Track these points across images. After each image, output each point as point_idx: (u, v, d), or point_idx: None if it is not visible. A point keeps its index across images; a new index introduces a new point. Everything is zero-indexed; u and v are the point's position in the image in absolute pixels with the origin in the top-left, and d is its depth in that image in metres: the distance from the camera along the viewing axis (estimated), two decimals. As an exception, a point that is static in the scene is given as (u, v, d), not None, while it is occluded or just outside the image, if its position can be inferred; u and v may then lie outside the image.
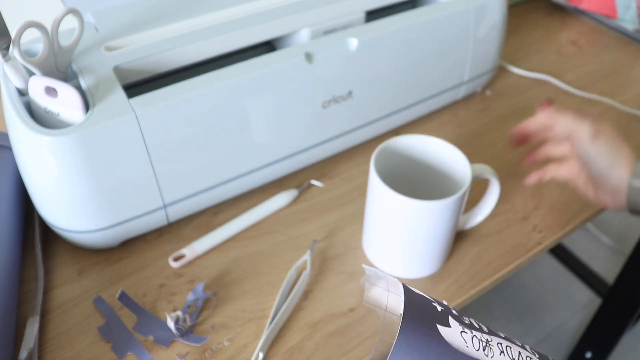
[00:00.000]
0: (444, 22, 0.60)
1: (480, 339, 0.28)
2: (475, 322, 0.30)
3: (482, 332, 0.29)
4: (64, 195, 0.46)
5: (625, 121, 0.69)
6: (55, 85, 0.44)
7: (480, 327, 0.29)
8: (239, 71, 0.49)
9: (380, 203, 0.48)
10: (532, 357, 0.30)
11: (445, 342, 0.27)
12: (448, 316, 0.28)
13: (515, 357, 0.29)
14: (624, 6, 0.85)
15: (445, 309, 0.29)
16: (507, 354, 0.28)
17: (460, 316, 0.29)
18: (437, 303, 0.29)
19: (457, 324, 0.28)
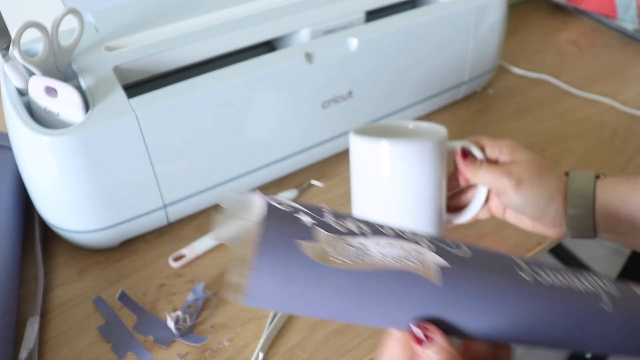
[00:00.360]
0: (444, 22, 0.60)
1: (355, 246, 0.25)
2: (358, 224, 0.26)
3: (361, 236, 0.26)
4: (64, 195, 0.46)
5: (626, 121, 0.69)
6: (55, 85, 0.44)
7: (360, 230, 0.26)
8: (239, 71, 0.49)
9: (361, 162, 0.47)
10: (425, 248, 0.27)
11: (308, 259, 0.24)
12: (314, 228, 0.25)
13: (401, 256, 0.26)
14: (624, 6, 0.85)
15: (313, 219, 0.25)
16: (389, 255, 0.26)
17: (335, 221, 0.26)
18: (304, 212, 0.26)
19: (326, 233, 0.25)
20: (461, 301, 0.26)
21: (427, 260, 0.26)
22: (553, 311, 0.28)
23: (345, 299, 0.25)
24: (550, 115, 0.70)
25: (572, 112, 0.70)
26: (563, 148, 0.65)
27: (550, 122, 0.69)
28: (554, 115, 0.70)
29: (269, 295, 0.25)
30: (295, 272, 0.24)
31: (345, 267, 0.25)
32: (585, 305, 0.28)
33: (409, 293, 0.26)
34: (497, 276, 0.27)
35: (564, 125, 0.68)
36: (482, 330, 0.27)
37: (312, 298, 0.25)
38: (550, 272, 0.29)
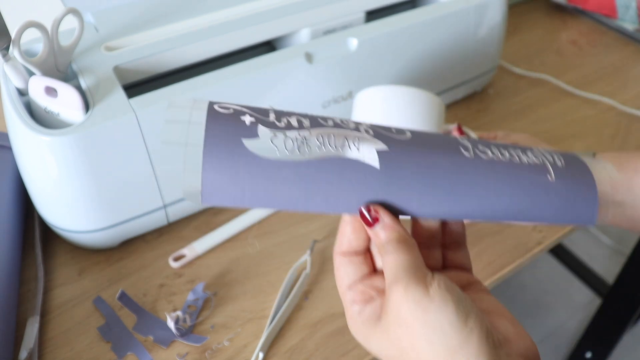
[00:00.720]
0: (444, 22, 0.60)
1: (296, 138, 0.26)
2: (300, 119, 0.28)
3: (301, 129, 0.27)
4: (64, 195, 0.46)
5: (626, 121, 0.69)
6: (55, 85, 0.44)
7: (301, 124, 0.27)
8: (239, 71, 0.49)
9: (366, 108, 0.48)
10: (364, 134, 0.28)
11: (253, 154, 0.26)
12: (257, 126, 0.26)
13: (340, 144, 0.27)
14: (624, 6, 0.85)
15: (256, 119, 0.27)
16: (329, 144, 0.27)
17: (278, 118, 0.27)
18: (248, 114, 0.27)
19: (268, 130, 0.26)
20: (401, 182, 0.27)
21: (365, 146, 0.27)
22: (495, 184, 0.28)
23: (291, 189, 0.27)
24: (550, 115, 0.70)
25: (572, 112, 0.70)
26: (563, 148, 0.65)
27: (550, 122, 0.69)
28: (554, 115, 0.70)
29: (220, 192, 0.26)
30: (240, 167, 0.26)
31: (287, 159, 0.26)
32: (528, 176, 0.29)
33: (350, 178, 0.27)
34: (437, 155, 0.28)
35: (564, 125, 0.68)
36: (426, 210, 0.28)
37: (261, 191, 0.26)
38: (495, 149, 0.29)
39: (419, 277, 0.26)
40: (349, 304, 0.29)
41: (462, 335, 0.24)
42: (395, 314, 0.26)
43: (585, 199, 0.30)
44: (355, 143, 0.27)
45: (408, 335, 0.25)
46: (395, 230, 0.27)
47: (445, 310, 0.25)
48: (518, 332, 0.27)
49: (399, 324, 0.26)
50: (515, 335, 0.26)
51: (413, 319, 0.25)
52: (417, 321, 0.25)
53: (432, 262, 0.31)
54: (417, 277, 0.26)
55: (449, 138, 0.30)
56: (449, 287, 0.25)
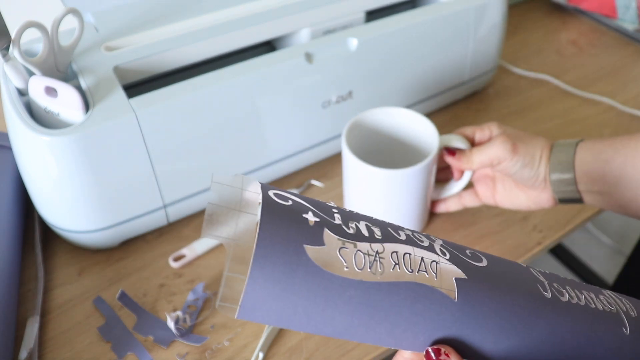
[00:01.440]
0: (444, 22, 0.60)
1: (368, 253, 0.22)
2: (370, 227, 0.23)
3: (374, 242, 0.22)
4: (64, 195, 0.46)
5: (626, 121, 0.69)
6: (55, 85, 0.44)
7: (373, 235, 0.23)
8: (239, 71, 0.49)
9: (353, 176, 0.49)
10: (441, 257, 0.24)
11: (315, 267, 0.21)
12: (323, 230, 0.22)
13: (415, 266, 0.22)
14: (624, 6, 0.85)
15: (322, 220, 0.22)
16: (404, 264, 0.22)
17: (346, 222, 0.23)
18: (312, 211, 0.22)
19: (336, 237, 0.22)
20: (478, 318, 0.23)
21: (443, 271, 0.23)
22: (572, 332, 0.25)
23: (353, 315, 0.22)
24: (550, 115, 0.70)
25: (572, 112, 0.71)
26: (563, 148, 0.65)
27: (550, 122, 0.69)
28: (554, 115, 0.70)
29: (265, 307, 0.21)
30: (298, 281, 0.21)
31: (356, 278, 0.21)
32: (605, 326, 0.26)
33: (424, 309, 0.23)
34: (516, 291, 0.24)
35: (564, 125, 0.68)
36: (500, 352, 0.24)
37: (316, 313, 0.22)
38: (571, 289, 0.27)
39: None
40: None
41: None
42: None
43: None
44: (434, 267, 0.23)
45: None
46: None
47: None
48: None
49: None
50: None
51: None
52: None
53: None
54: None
55: (525, 271, 0.26)
56: None
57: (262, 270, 0.20)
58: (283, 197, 0.22)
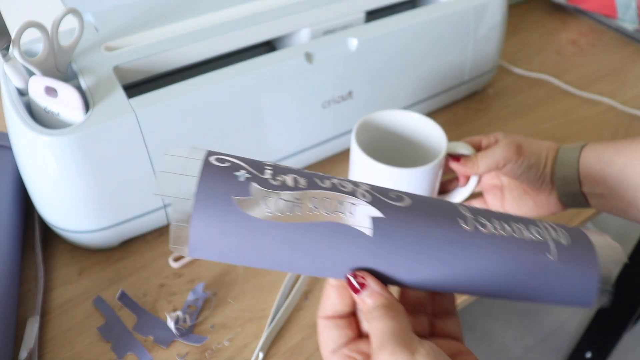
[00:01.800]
0: (444, 22, 0.60)
1: (290, 200, 0.26)
2: (297, 178, 0.27)
3: (296, 190, 0.26)
4: (64, 196, 0.46)
5: (626, 121, 0.69)
6: (55, 85, 0.44)
7: (297, 185, 0.27)
8: (239, 71, 0.49)
9: (360, 173, 0.49)
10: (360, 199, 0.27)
11: (243, 213, 0.25)
12: (250, 184, 0.26)
13: (333, 208, 0.26)
14: (624, 6, 0.85)
15: (252, 176, 0.26)
16: (322, 207, 0.26)
17: (274, 176, 0.27)
18: (244, 169, 0.27)
19: (262, 189, 0.26)
20: (392, 251, 0.26)
21: (360, 211, 0.26)
22: (491, 261, 0.27)
23: (279, 251, 0.26)
24: (551, 115, 0.70)
25: (572, 112, 0.70)
26: (563, 148, 0.65)
27: (551, 122, 0.69)
28: (554, 115, 0.70)
29: (207, 247, 0.26)
30: (230, 225, 0.25)
31: (278, 220, 0.26)
32: (526, 254, 0.28)
33: (340, 244, 0.26)
34: (433, 226, 0.27)
35: (564, 125, 0.68)
36: (415, 281, 0.27)
37: (248, 249, 0.26)
38: (497, 221, 0.29)
39: (406, 342, 0.25)
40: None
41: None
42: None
43: (585, 282, 0.29)
44: (350, 209, 0.26)
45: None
46: (382, 296, 0.27)
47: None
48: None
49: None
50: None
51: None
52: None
53: (419, 329, 0.31)
54: (404, 342, 0.25)
55: (449, 207, 0.28)
56: (436, 353, 0.25)
57: (200, 219, 0.25)
58: (222, 159, 0.27)
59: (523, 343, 1.27)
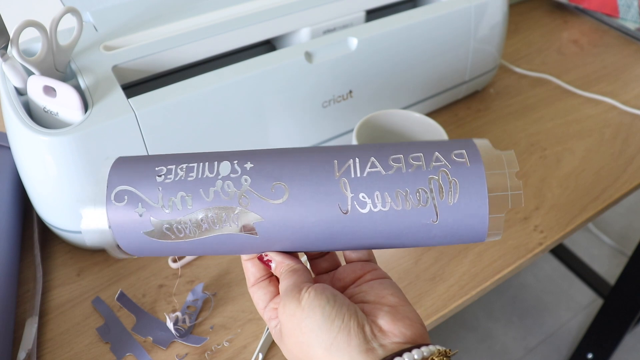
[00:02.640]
0: (445, 22, 0.60)
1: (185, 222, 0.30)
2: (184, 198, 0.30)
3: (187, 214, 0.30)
4: (63, 195, 0.46)
5: (627, 120, 0.69)
6: (54, 85, 0.43)
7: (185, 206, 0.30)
8: (238, 71, 0.49)
9: None
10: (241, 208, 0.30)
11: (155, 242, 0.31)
12: (149, 218, 0.30)
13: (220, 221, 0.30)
14: (625, 5, 0.85)
15: (147, 209, 0.30)
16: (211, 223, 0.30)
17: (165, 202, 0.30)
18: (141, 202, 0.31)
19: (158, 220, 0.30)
20: (278, 244, 0.31)
21: (243, 220, 0.30)
22: (371, 236, 0.30)
23: (194, 252, 0.32)
24: (551, 115, 0.70)
25: (573, 112, 0.70)
26: (564, 148, 0.65)
27: (551, 121, 0.69)
28: (555, 115, 0.70)
29: (138, 253, 0.32)
30: (149, 249, 0.31)
31: (182, 240, 0.31)
32: (408, 226, 0.30)
33: (237, 246, 0.31)
34: (309, 218, 0.30)
35: (565, 125, 0.68)
36: (306, 251, 0.32)
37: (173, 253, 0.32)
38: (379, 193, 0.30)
39: (295, 293, 0.30)
40: (268, 321, 0.33)
41: (330, 334, 0.28)
42: (284, 329, 0.30)
43: (474, 225, 0.30)
44: (233, 220, 0.30)
45: (296, 344, 0.29)
46: (284, 263, 0.32)
47: (313, 316, 0.29)
48: (396, 318, 0.29)
49: (288, 335, 0.30)
50: (390, 323, 0.29)
51: (293, 328, 0.29)
52: (296, 330, 0.29)
53: (326, 265, 0.36)
54: (293, 293, 0.30)
55: (330, 187, 0.30)
56: (317, 294, 0.29)
57: (128, 248, 0.32)
58: (121, 195, 0.31)
59: (524, 344, 1.27)
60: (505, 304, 1.34)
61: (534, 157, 0.63)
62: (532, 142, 0.65)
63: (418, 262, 0.52)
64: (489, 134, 0.67)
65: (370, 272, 0.33)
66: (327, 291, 0.30)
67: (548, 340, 1.28)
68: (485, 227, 0.30)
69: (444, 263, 0.52)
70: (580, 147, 0.65)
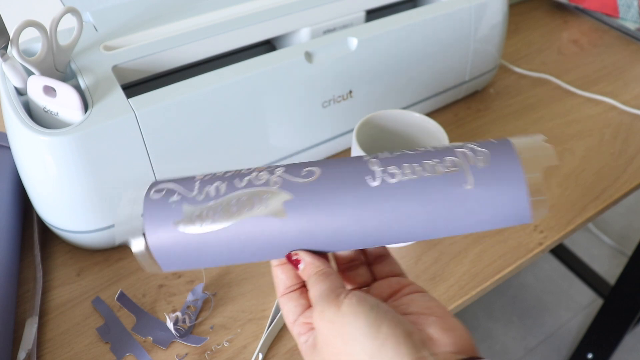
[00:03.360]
0: (444, 22, 0.60)
1: (215, 209, 0.30)
2: (218, 187, 0.30)
3: (218, 198, 0.30)
4: (63, 196, 0.46)
5: (627, 121, 0.69)
6: (54, 85, 0.43)
7: (218, 193, 0.30)
8: (238, 71, 0.49)
9: None
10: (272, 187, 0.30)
11: (183, 234, 0.30)
12: (182, 206, 0.30)
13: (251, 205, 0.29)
14: (625, 5, 0.85)
15: (182, 197, 0.30)
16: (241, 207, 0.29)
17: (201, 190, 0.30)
18: (177, 193, 0.30)
19: (191, 207, 0.30)
20: (309, 227, 0.29)
21: (272, 200, 0.29)
22: (405, 209, 0.29)
23: (221, 252, 0.30)
24: (552, 115, 0.70)
25: (574, 112, 0.70)
26: (564, 148, 0.65)
27: (552, 121, 0.69)
28: (555, 115, 0.70)
29: (173, 262, 0.31)
30: (178, 245, 0.30)
31: (210, 231, 0.30)
32: (441, 192, 0.29)
33: (266, 234, 0.30)
34: (340, 193, 0.29)
35: (565, 125, 0.68)
36: (340, 247, 0.31)
37: (203, 255, 0.31)
38: (408, 165, 0.29)
39: (332, 299, 0.28)
40: (297, 337, 0.31)
41: (376, 342, 0.26)
42: (321, 337, 0.28)
43: (513, 200, 0.28)
44: (264, 202, 0.29)
45: (335, 354, 0.28)
46: (314, 265, 0.30)
47: (356, 323, 0.27)
48: (446, 328, 0.28)
49: (326, 345, 0.28)
50: (440, 333, 0.28)
51: (333, 337, 0.27)
52: (336, 338, 0.27)
53: (360, 280, 0.34)
54: (330, 299, 0.28)
55: (358, 166, 0.30)
56: (360, 300, 0.28)
57: (158, 248, 0.30)
58: (160, 189, 0.31)
59: (524, 344, 1.27)
60: (505, 304, 1.34)
61: (534, 157, 0.63)
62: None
63: (418, 262, 0.52)
64: (489, 134, 0.67)
65: (407, 286, 0.32)
66: (369, 297, 0.28)
67: (548, 340, 1.28)
68: (523, 189, 0.28)
69: (444, 263, 0.52)
70: (580, 147, 0.65)
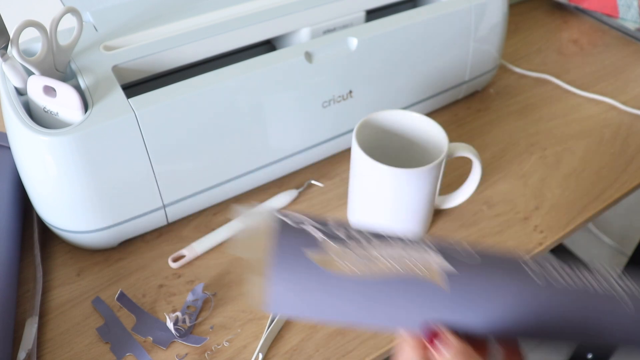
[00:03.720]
0: (445, 22, 0.60)
1: (361, 254, 0.27)
2: (366, 234, 0.28)
3: (368, 245, 0.27)
4: (63, 196, 0.46)
5: (627, 121, 0.69)
6: (54, 85, 0.43)
7: (369, 239, 0.28)
8: (238, 71, 0.49)
9: (360, 173, 0.49)
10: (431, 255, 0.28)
11: (319, 268, 0.26)
12: (324, 240, 0.27)
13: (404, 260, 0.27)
14: (625, 5, 0.85)
15: (323, 232, 0.27)
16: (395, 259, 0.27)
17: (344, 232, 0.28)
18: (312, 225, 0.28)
19: (336, 245, 0.27)
20: (469, 307, 0.27)
21: (434, 266, 0.27)
22: (566, 314, 0.28)
23: (355, 305, 0.27)
24: (551, 115, 0.70)
25: (574, 112, 0.70)
26: (564, 148, 0.65)
27: (551, 122, 0.69)
28: (555, 115, 0.70)
29: (286, 302, 0.27)
30: (307, 280, 0.26)
31: (353, 275, 0.26)
32: (602, 306, 0.28)
33: (415, 297, 0.27)
34: (507, 280, 0.27)
35: (565, 125, 0.68)
36: (489, 330, 0.28)
37: (325, 304, 0.27)
38: (564, 272, 0.29)
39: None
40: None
41: None
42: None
43: None
44: (424, 263, 0.27)
45: None
46: (456, 344, 0.27)
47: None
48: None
49: None
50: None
51: None
52: None
53: None
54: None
55: (515, 259, 0.29)
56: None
57: (279, 274, 0.26)
58: (287, 216, 0.28)
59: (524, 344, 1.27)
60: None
61: (534, 157, 0.63)
62: (532, 142, 0.65)
63: (418, 262, 0.52)
64: (489, 134, 0.67)
65: None
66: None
67: (548, 340, 1.28)
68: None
69: (444, 263, 0.52)
70: (580, 147, 0.65)
